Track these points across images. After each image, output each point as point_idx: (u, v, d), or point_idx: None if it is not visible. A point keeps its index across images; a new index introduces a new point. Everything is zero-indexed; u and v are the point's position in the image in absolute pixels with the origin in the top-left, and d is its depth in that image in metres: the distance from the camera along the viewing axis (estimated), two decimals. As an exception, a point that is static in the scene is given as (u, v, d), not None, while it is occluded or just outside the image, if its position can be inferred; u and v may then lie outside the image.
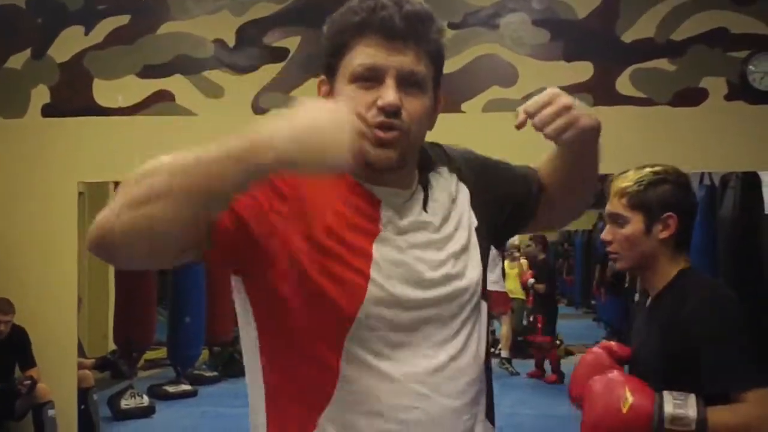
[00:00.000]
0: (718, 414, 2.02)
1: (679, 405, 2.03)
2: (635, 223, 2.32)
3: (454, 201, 1.62)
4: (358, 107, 1.43)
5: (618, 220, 2.35)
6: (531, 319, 11.39)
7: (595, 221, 16.08)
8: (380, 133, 1.44)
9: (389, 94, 1.42)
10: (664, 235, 2.31)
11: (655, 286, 2.32)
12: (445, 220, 1.59)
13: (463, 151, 1.75)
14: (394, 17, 1.42)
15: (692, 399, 2.04)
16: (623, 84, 5.86)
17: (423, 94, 1.49)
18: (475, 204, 1.65)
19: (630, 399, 2.04)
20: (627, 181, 2.41)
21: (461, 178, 1.66)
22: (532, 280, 11.40)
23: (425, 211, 1.57)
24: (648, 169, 2.50)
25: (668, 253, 2.32)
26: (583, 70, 5.90)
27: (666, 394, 2.05)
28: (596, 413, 2.09)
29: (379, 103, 1.43)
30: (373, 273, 1.48)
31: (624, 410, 2.02)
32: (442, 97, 1.61)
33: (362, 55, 1.45)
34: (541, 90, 1.57)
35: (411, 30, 1.43)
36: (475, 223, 1.63)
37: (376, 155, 1.46)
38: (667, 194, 2.38)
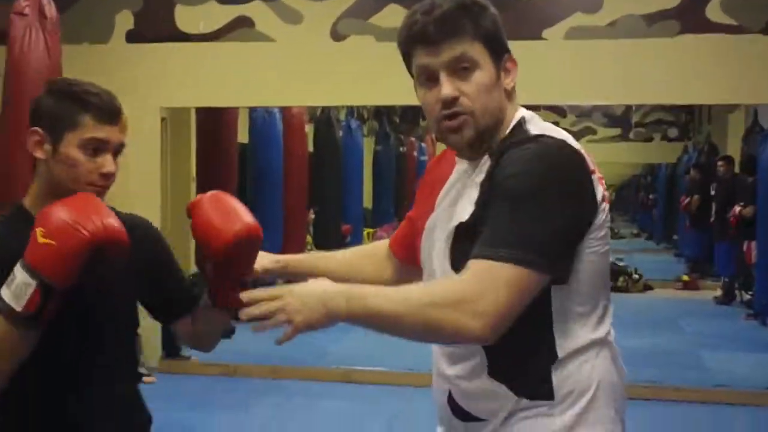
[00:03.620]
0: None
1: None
2: None
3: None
4: (430, 107, 1.67)
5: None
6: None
7: (680, 154, 15.73)
8: (447, 123, 1.66)
9: (445, 89, 1.62)
10: None
11: None
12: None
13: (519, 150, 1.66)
14: (426, 27, 1.62)
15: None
16: (713, 10, 5.65)
17: (478, 70, 1.62)
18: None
19: None
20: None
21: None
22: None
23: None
24: None
25: None
26: (671, -4, 5.71)
27: None
28: None
29: (440, 97, 1.65)
30: None
31: None
32: (513, 62, 1.70)
33: (417, 63, 1.67)
34: None
35: (444, 30, 1.61)
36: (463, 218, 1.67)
37: (451, 141, 1.68)
38: None
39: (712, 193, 11.41)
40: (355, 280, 2.05)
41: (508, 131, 1.66)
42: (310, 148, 10.31)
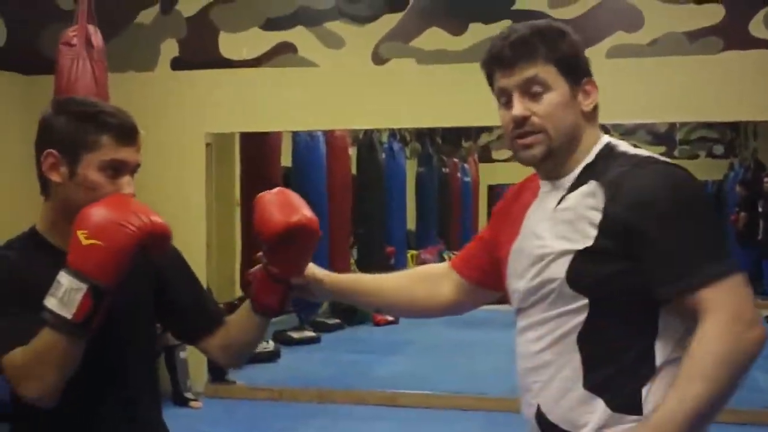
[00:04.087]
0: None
1: None
2: None
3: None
4: (505, 126, 1.75)
5: None
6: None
7: (726, 171, 15.54)
8: (519, 140, 1.72)
9: (515, 108, 1.70)
10: None
11: None
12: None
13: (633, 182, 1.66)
14: (502, 50, 1.72)
15: None
16: (757, 26, 5.60)
17: (550, 92, 1.70)
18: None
19: None
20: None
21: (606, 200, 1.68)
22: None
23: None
24: None
25: None
26: (713, 13, 5.67)
27: None
28: None
29: (511, 116, 1.72)
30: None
31: None
32: (593, 85, 1.76)
33: (496, 85, 1.77)
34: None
35: (518, 53, 1.70)
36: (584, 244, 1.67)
37: (523, 156, 1.75)
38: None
39: (760, 209, 11.27)
40: (404, 302, 2.08)
41: (594, 154, 1.73)
42: (353, 171, 10.35)
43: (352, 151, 10.30)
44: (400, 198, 11.91)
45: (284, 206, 1.87)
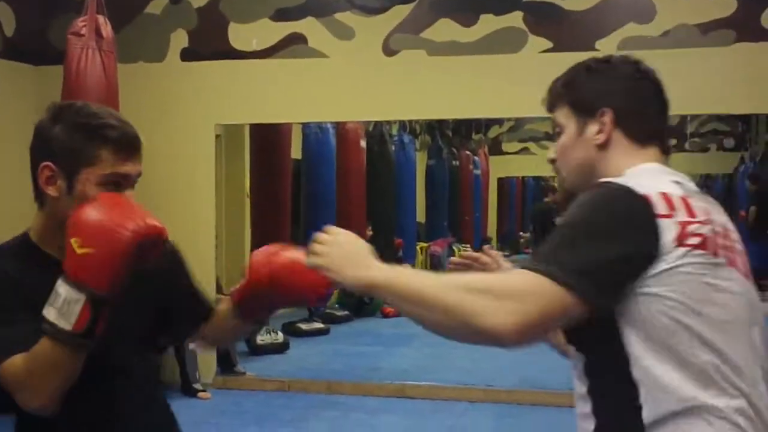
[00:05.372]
0: None
1: None
2: None
3: None
4: None
5: None
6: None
7: (737, 164, 15.47)
8: None
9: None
10: None
11: None
12: None
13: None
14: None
15: None
16: (769, 18, 5.57)
17: (563, 133, 1.69)
18: None
19: None
20: None
21: None
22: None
23: None
24: None
25: None
26: (725, 5, 5.63)
27: None
28: None
29: None
30: None
31: None
32: (608, 114, 1.64)
33: None
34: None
35: (548, 99, 1.72)
36: None
37: None
38: None
39: (772, 203, 11.22)
40: None
41: None
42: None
43: (362, 144, 10.28)
44: (410, 190, 11.89)
45: (293, 259, 1.80)
